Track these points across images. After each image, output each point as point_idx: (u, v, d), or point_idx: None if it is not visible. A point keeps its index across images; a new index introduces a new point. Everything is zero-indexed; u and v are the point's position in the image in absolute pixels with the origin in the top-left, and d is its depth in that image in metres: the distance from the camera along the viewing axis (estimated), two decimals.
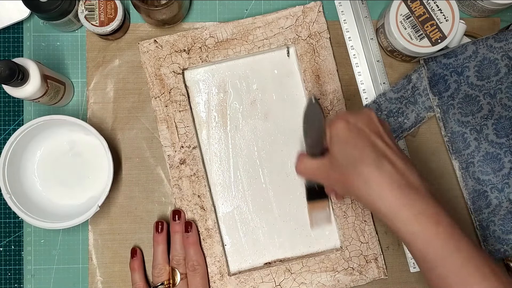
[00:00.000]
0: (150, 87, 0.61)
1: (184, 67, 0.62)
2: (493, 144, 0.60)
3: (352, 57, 0.64)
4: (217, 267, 0.60)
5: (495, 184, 0.60)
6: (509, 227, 0.60)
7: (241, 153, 0.63)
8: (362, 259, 0.60)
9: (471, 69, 0.60)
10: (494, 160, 0.60)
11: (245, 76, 0.63)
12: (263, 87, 0.63)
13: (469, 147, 0.61)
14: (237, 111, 0.63)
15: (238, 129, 0.63)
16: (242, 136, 0.63)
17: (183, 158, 0.61)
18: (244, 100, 0.63)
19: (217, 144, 0.63)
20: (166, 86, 0.61)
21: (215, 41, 0.62)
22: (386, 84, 0.63)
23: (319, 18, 0.62)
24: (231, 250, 0.62)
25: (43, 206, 0.59)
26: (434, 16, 0.58)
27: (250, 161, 0.63)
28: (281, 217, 0.62)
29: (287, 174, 0.63)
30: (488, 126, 0.60)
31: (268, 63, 0.63)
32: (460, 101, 0.61)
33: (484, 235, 0.61)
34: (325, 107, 0.62)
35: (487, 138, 0.60)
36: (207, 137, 0.63)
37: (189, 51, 0.61)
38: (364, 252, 0.61)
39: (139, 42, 0.61)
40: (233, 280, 0.60)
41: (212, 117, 0.63)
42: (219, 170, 0.63)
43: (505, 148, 0.60)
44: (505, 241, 0.60)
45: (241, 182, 0.63)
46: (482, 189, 0.61)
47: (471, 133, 0.61)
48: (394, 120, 0.62)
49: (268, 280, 0.60)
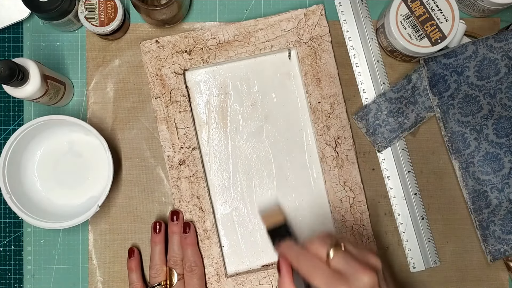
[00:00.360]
0: (151, 87, 0.61)
1: (185, 68, 0.62)
2: (493, 144, 0.60)
3: (352, 57, 0.64)
4: (215, 268, 0.60)
5: (495, 184, 0.60)
6: (509, 227, 0.60)
7: (241, 154, 0.63)
8: None
9: (471, 69, 0.60)
10: (494, 160, 0.60)
11: (246, 78, 0.63)
12: (264, 89, 0.63)
13: (469, 147, 0.61)
14: (237, 112, 0.63)
15: (238, 131, 0.63)
16: (242, 138, 0.63)
17: (183, 159, 0.61)
18: (244, 102, 0.63)
19: (216, 145, 0.63)
20: (167, 86, 0.61)
21: (217, 42, 0.62)
22: (386, 84, 0.63)
23: (321, 21, 0.62)
24: (229, 252, 0.62)
25: (43, 206, 0.59)
26: (434, 16, 0.58)
27: (250, 163, 0.63)
28: None
29: (286, 177, 0.63)
30: (488, 126, 0.60)
31: (270, 65, 0.63)
32: (460, 101, 0.61)
33: (484, 235, 0.61)
34: (325, 110, 0.61)
35: (487, 138, 0.60)
36: (207, 138, 0.63)
37: (190, 52, 0.61)
38: None
39: (140, 42, 0.61)
40: (230, 282, 0.60)
41: (212, 119, 0.63)
42: (218, 172, 0.63)
43: (505, 148, 0.60)
44: (505, 241, 0.60)
45: (240, 184, 0.62)
46: (482, 189, 0.61)
47: (471, 133, 0.61)
48: (394, 120, 0.62)
49: (265, 282, 0.60)
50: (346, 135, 0.61)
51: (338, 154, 0.61)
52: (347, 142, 0.61)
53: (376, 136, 0.62)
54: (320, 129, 0.61)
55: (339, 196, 0.61)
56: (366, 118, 0.62)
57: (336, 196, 0.61)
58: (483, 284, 0.63)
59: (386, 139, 0.62)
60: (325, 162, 0.61)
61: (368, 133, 0.62)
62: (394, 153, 0.63)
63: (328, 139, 0.61)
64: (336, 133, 0.61)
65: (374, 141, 0.62)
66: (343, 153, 0.61)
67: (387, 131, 0.62)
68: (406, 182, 0.63)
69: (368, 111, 0.62)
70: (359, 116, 0.62)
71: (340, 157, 0.61)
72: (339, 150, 0.61)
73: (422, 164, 0.63)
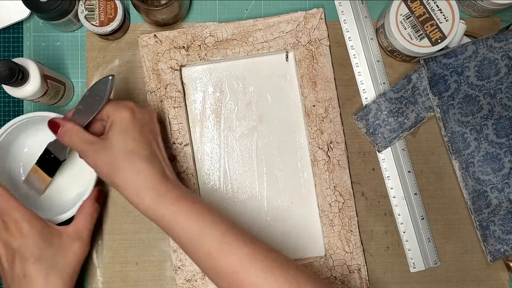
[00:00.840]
0: (146, 81, 0.61)
1: (182, 63, 0.62)
2: (493, 144, 0.60)
3: (352, 57, 0.64)
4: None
5: (495, 184, 0.60)
6: (509, 227, 0.60)
7: (233, 153, 0.63)
8: (345, 269, 0.60)
9: (471, 69, 0.60)
10: (494, 160, 0.60)
11: (242, 77, 0.63)
12: (259, 90, 0.63)
13: (469, 147, 0.61)
14: (232, 111, 0.63)
15: (231, 129, 0.63)
16: (235, 137, 0.63)
17: (174, 155, 0.61)
18: (239, 101, 0.63)
19: (209, 143, 0.63)
20: (162, 81, 0.61)
21: (215, 40, 0.62)
22: (386, 84, 0.63)
23: (320, 25, 0.62)
24: None
25: (29, 204, 0.58)
26: (434, 16, 0.58)
27: (241, 162, 0.63)
28: (269, 221, 0.62)
29: (277, 178, 0.63)
30: (488, 126, 0.60)
31: (266, 66, 0.63)
32: (460, 101, 0.61)
33: (484, 235, 0.61)
34: (320, 114, 0.61)
35: (487, 138, 0.60)
36: (199, 135, 0.63)
37: (188, 48, 0.61)
38: (348, 262, 0.60)
39: (138, 36, 0.62)
40: None
41: (206, 116, 0.63)
42: (209, 170, 0.62)
43: (505, 148, 0.60)
44: (505, 241, 0.60)
45: (231, 183, 0.62)
46: (482, 189, 0.61)
47: (471, 133, 0.61)
48: (394, 120, 0.62)
49: None
50: (339, 140, 0.61)
51: (330, 158, 0.61)
52: (340, 147, 0.61)
53: (376, 136, 0.62)
54: (313, 133, 0.61)
55: (328, 200, 0.61)
56: (366, 118, 0.62)
57: (326, 200, 0.61)
58: (483, 284, 0.63)
59: (386, 139, 0.62)
60: (316, 165, 0.61)
61: (368, 133, 0.62)
62: (394, 153, 0.63)
63: (321, 142, 0.61)
64: (329, 137, 0.61)
65: (374, 141, 0.62)
66: (335, 158, 0.61)
67: (387, 131, 0.62)
68: (406, 182, 0.63)
69: (368, 111, 0.62)
70: (359, 116, 0.62)
71: (331, 161, 0.61)
72: (331, 155, 0.61)
73: (422, 164, 0.63)
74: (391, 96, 0.62)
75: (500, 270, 0.63)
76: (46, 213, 0.57)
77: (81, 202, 0.57)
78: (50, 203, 0.60)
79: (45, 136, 0.60)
